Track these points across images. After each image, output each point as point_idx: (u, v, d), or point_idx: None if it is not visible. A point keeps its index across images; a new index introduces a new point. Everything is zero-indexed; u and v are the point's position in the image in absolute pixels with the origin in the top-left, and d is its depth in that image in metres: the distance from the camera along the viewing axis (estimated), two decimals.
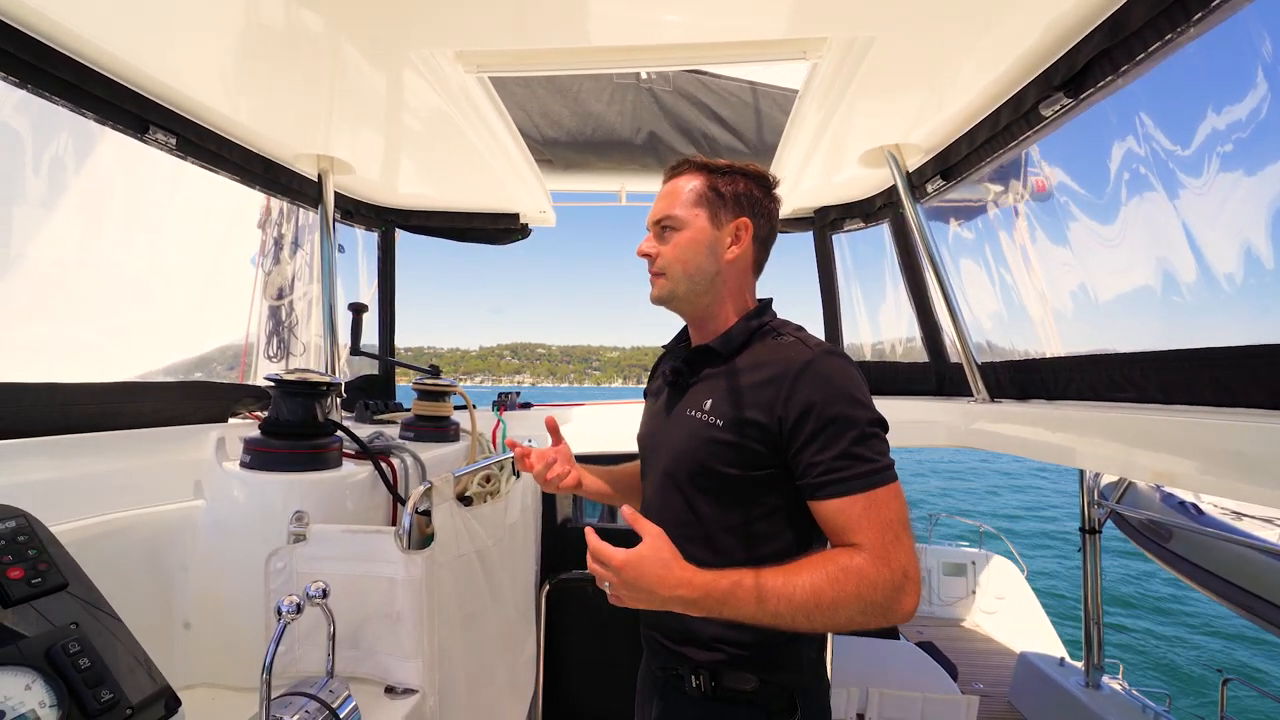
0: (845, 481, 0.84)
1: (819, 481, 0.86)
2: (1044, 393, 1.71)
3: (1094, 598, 3.51)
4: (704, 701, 0.96)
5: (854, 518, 0.83)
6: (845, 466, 0.84)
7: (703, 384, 1.02)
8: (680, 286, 1.02)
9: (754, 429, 0.91)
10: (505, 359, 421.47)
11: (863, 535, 0.82)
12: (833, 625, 0.80)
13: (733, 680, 0.95)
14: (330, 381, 1.30)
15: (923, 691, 2.60)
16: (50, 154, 1.44)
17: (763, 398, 0.91)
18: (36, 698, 0.65)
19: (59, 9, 1.10)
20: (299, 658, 1.12)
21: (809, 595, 0.79)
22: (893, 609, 0.79)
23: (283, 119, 1.64)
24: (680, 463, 0.99)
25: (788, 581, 0.80)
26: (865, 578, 0.79)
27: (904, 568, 0.80)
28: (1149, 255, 1.46)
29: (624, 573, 0.79)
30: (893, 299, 2.45)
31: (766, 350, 0.98)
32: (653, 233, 1.05)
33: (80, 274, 1.63)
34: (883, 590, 0.79)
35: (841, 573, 0.79)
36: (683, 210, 1.02)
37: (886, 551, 0.81)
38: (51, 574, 0.76)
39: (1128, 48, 1.12)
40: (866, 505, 0.83)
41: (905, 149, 1.82)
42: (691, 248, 1.01)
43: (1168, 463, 1.18)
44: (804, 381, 0.88)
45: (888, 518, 0.82)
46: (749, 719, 0.94)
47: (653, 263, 1.04)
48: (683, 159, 1.07)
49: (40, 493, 0.99)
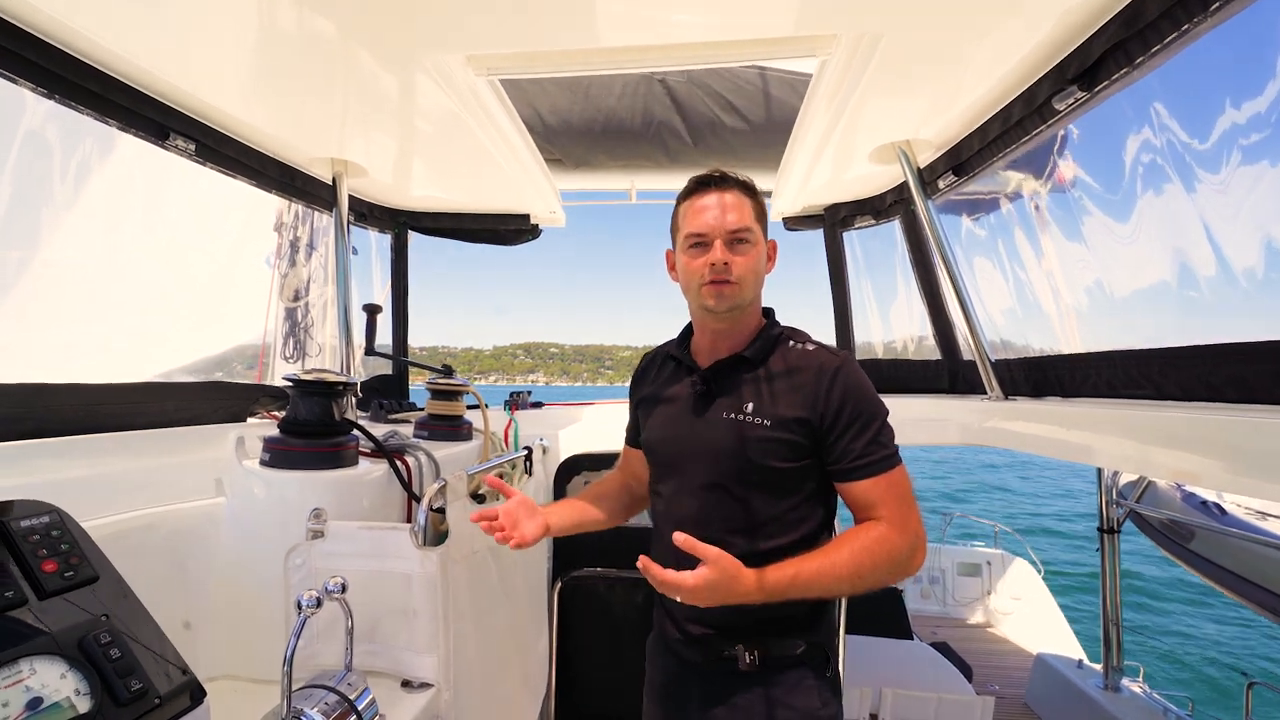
0: (872, 465, 1.02)
1: (853, 466, 1.02)
2: (1059, 390, 1.69)
3: (1113, 598, 3.46)
4: (756, 673, 1.07)
5: (878, 495, 1.01)
6: (872, 453, 1.02)
7: (739, 389, 1.10)
8: (748, 296, 1.09)
9: (799, 424, 1.04)
10: (518, 358, 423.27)
11: (885, 509, 1.01)
12: (870, 586, 0.97)
13: (781, 648, 1.07)
14: (347, 381, 1.32)
15: (937, 692, 2.57)
16: (75, 160, 1.48)
17: (804, 396, 1.05)
18: (71, 686, 0.67)
19: (85, 21, 1.13)
20: (317, 652, 1.15)
21: (852, 567, 0.96)
22: (910, 565, 1.00)
23: (297, 124, 1.67)
24: (724, 462, 1.07)
25: (834, 562, 0.97)
26: (892, 544, 0.98)
27: (916, 531, 1.01)
28: (1166, 250, 1.43)
29: (697, 595, 0.92)
30: (904, 296, 2.43)
31: (795, 356, 1.10)
32: (723, 241, 1.06)
33: (103, 278, 1.68)
34: (904, 552, 0.99)
35: (874, 543, 0.98)
36: (753, 225, 1.09)
37: (904, 520, 1.00)
38: (83, 568, 0.78)
39: (1143, 39, 1.10)
40: (888, 484, 1.02)
41: (916, 145, 1.80)
42: (759, 262, 1.10)
43: (1189, 461, 1.17)
44: (839, 381, 1.04)
45: (902, 492, 1.02)
46: (798, 679, 1.08)
47: (729, 271, 1.06)
48: (721, 172, 1.10)
49: (70, 489, 1.02)
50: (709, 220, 1.07)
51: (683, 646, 1.13)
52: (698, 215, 1.08)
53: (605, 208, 3.09)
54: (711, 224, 1.06)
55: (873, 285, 2.57)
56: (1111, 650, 3.34)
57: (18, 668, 0.65)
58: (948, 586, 5.13)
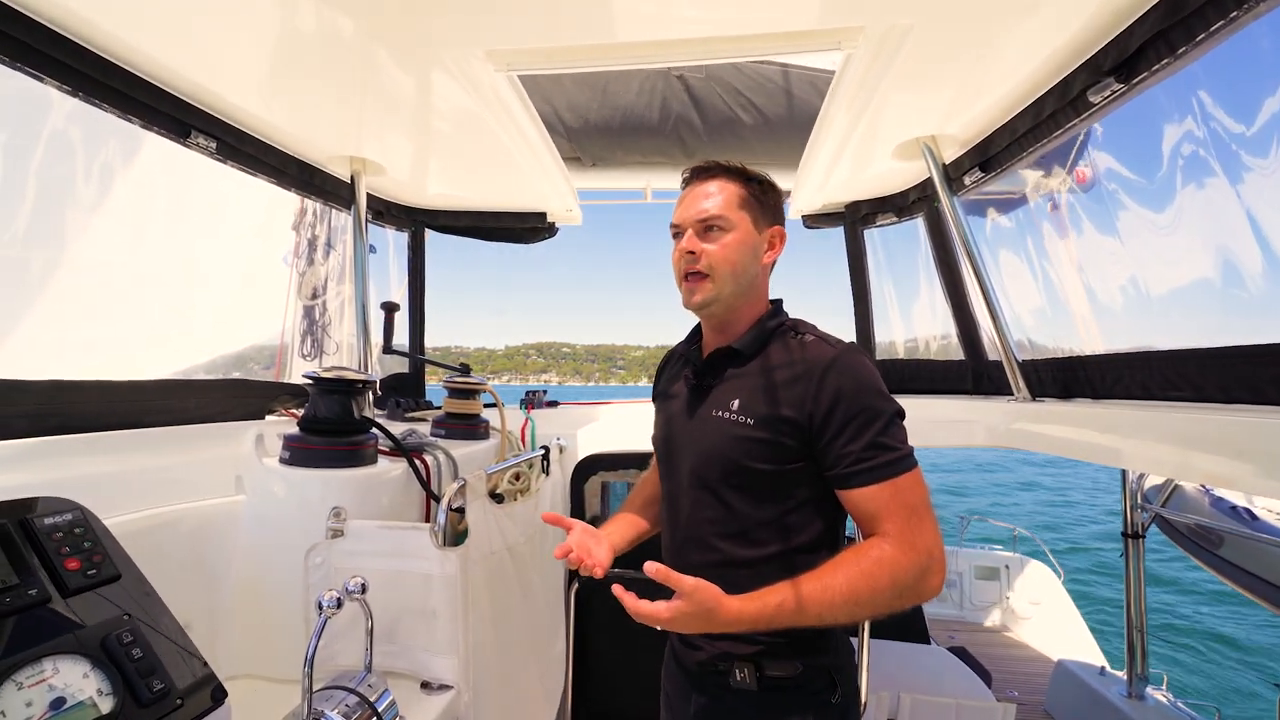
0: (873, 470, 0.89)
1: (849, 471, 0.90)
2: (1089, 391, 1.64)
3: (1137, 604, 3.37)
4: (750, 692, 0.98)
5: (881, 505, 0.88)
6: (872, 456, 0.89)
7: (727, 384, 1.03)
8: (726, 288, 1.02)
9: (786, 424, 0.94)
10: (531, 358, 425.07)
11: (890, 522, 0.87)
12: (872, 615, 0.87)
13: (777, 668, 0.97)
14: (366, 379, 1.32)
15: (956, 697, 2.52)
16: (99, 160, 1.49)
17: (793, 394, 0.94)
18: (94, 685, 0.67)
19: (109, 19, 1.13)
20: (336, 652, 1.14)
21: (847, 595, 0.84)
22: (921, 589, 0.85)
23: (317, 122, 1.67)
24: (710, 462, 1.01)
25: (826, 587, 0.85)
26: (896, 566, 0.85)
27: (928, 549, 0.86)
28: (1207, 247, 1.38)
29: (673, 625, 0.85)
30: (926, 295, 2.39)
31: (789, 349, 1.00)
32: (693, 231, 1.02)
33: (124, 276, 1.69)
34: (911, 574, 0.85)
35: (874, 566, 0.85)
36: (731, 212, 1.02)
37: (912, 536, 0.86)
38: (105, 566, 0.78)
39: (1187, 28, 1.06)
40: (893, 492, 0.88)
41: (942, 140, 1.76)
42: (739, 249, 1.02)
43: (1228, 465, 1.12)
44: (831, 377, 0.93)
45: (911, 503, 0.88)
46: (796, 703, 0.98)
47: (697, 261, 1.01)
48: (711, 162, 1.07)
49: (92, 486, 1.02)
50: (682, 211, 1.05)
51: (684, 656, 1.10)
52: (678, 206, 1.06)
53: (619, 208, 3.08)
54: (684, 214, 1.04)
55: (894, 283, 2.52)
56: (1136, 657, 3.26)
57: (41, 667, 0.65)
58: (964, 590, 5.05)
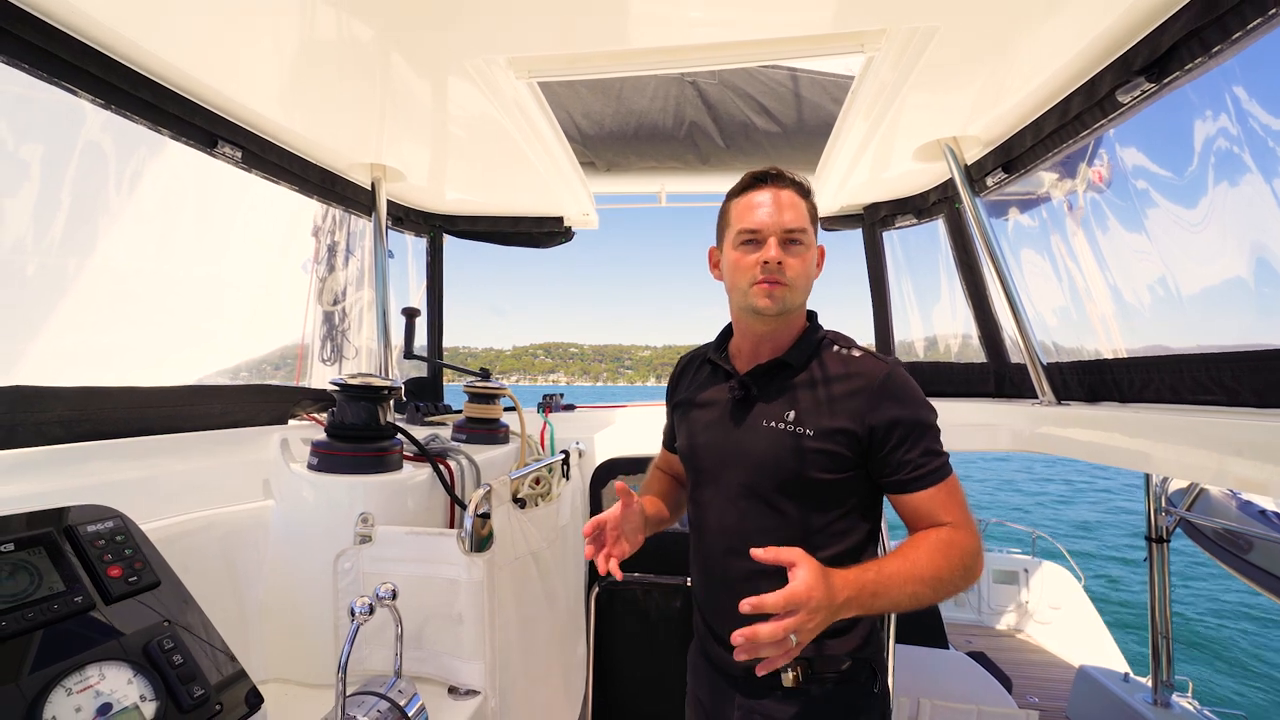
0: (931, 475, 0.98)
1: (909, 478, 0.98)
2: (1116, 394, 1.61)
3: (1162, 610, 3.31)
4: (800, 693, 1.02)
5: (941, 502, 0.98)
6: (928, 462, 0.98)
7: (780, 396, 1.05)
8: (798, 300, 1.05)
9: (843, 435, 0.99)
10: (539, 358, 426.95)
11: (950, 515, 0.97)
12: (948, 593, 0.92)
13: (825, 665, 1.02)
14: (391, 385, 1.33)
15: (977, 704, 2.49)
16: (129, 169, 1.51)
17: (850, 406, 1.00)
18: (137, 692, 0.68)
19: (137, 32, 1.15)
20: (365, 656, 1.15)
21: (932, 570, 0.90)
22: (977, 570, 0.94)
23: (339, 130, 1.69)
24: (764, 471, 1.03)
25: (913, 563, 0.90)
26: (965, 546, 0.94)
27: (977, 534, 0.98)
28: (1240, 246, 1.35)
29: (811, 600, 0.78)
30: (946, 297, 2.36)
31: (839, 363, 1.05)
32: (777, 239, 1.01)
33: (151, 283, 1.71)
34: (973, 555, 0.94)
35: (948, 546, 0.93)
36: (808, 227, 1.05)
37: (969, 523, 0.97)
38: (146, 572, 0.79)
39: (1223, 26, 1.04)
40: (948, 491, 0.98)
41: (964, 141, 1.74)
42: (810, 265, 1.06)
43: (1267, 471, 1.10)
44: (888, 392, 1.00)
45: (960, 498, 0.99)
46: (845, 695, 1.03)
47: (782, 272, 1.01)
48: (779, 171, 1.05)
49: (125, 491, 1.05)
50: (763, 217, 1.02)
51: (724, 660, 1.10)
52: (752, 211, 1.03)
53: (629, 210, 3.08)
54: (766, 220, 1.01)
55: (912, 285, 2.50)
56: (1161, 663, 3.20)
57: (87, 673, 0.66)
58: (982, 594, 4.99)
